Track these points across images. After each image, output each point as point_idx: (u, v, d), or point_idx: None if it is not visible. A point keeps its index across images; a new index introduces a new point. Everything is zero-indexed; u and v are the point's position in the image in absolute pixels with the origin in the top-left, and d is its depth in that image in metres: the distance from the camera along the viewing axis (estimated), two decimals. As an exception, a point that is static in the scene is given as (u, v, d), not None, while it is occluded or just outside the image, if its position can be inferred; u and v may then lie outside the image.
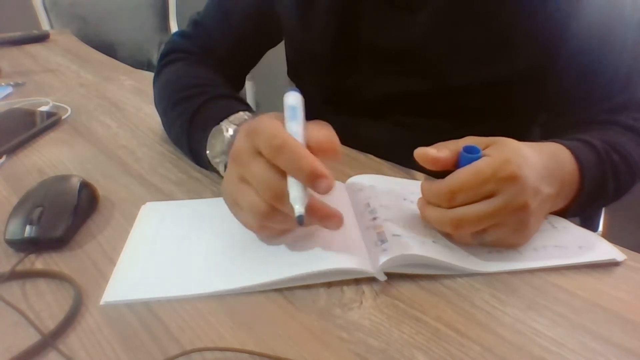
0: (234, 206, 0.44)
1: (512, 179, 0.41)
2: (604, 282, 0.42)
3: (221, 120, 0.54)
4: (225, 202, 0.45)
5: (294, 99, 0.44)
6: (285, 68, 0.77)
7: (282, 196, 0.39)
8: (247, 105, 0.59)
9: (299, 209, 0.38)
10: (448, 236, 0.45)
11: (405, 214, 0.47)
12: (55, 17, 1.90)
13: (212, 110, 0.57)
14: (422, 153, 0.43)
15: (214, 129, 0.54)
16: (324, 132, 0.42)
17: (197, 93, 0.62)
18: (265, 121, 0.41)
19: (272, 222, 0.42)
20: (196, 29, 0.75)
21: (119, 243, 0.47)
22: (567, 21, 0.56)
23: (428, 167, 0.43)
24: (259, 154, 0.40)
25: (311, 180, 0.38)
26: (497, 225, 0.42)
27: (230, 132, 0.52)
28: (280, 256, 0.44)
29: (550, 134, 0.53)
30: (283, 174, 0.39)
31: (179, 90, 0.64)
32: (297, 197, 0.38)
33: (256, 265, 0.43)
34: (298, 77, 0.78)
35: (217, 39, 0.73)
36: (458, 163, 0.43)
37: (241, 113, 0.54)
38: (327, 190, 0.39)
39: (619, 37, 0.57)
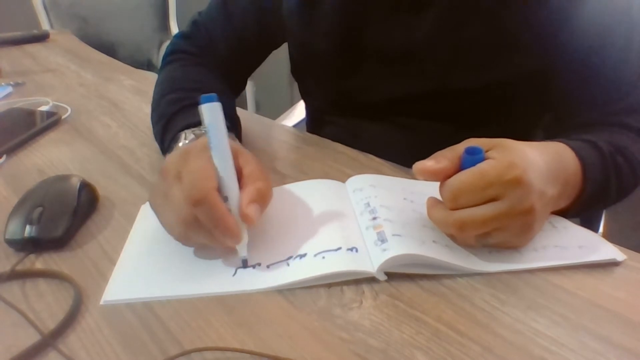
0: (158, 216, 0.45)
1: (517, 183, 0.40)
2: (604, 282, 0.42)
3: (186, 128, 0.55)
4: (151, 208, 0.46)
5: (210, 115, 0.43)
6: (285, 68, 0.77)
7: (192, 223, 0.41)
8: (225, 114, 0.59)
9: (243, 253, 0.43)
10: (451, 237, 0.45)
11: (405, 214, 0.47)
12: (55, 17, 1.90)
13: (181, 120, 0.58)
14: (421, 167, 0.43)
15: (177, 135, 0.56)
16: (258, 186, 0.43)
17: (177, 99, 0.62)
18: (194, 158, 0.43)
19: (192, 238, 0.43)
20: (196, 29, 0.75)
21: (119, 243, 0.47)
22: (571, 22, 0.56)
23: (430, 180, 0.43)
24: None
25: (222, 235, 0.41)
26: (502, 228, 0.42)
27: (187, 141, 0.53)
28: (281, 259, 0.44)
29: (553, 136, 0.53)
30: None
31: (165, 92, 0.65)
32: (243, 244, 0.43)
33: (257, 270, 0.43)
34: (301, 77, 0.78)
35: (218, 39, 0.73)
36: (461, 166, 0.43)
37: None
38: (234, 245, 0.42)
39: (625, 39, 0.57)
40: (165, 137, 0.59)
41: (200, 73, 0.70)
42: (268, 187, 0.45)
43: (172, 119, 0.59)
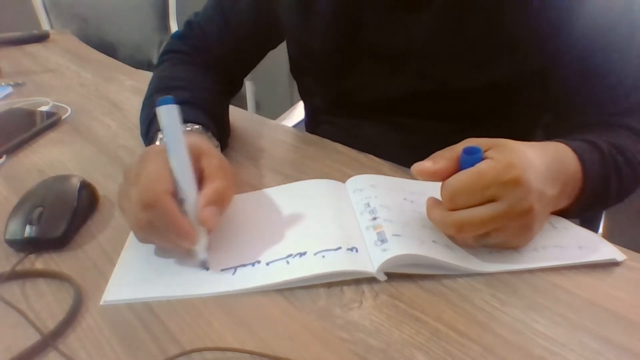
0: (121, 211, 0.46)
1: (516, 183, 0.40)
2: (604, 282, 0.42)
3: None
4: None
5: (165, 117, 0.43)
6: (285, 68, 0.77)
7: (147, 226, 0.42)
8: (204, 111, 0.59)
9: (202, 255, 0.43)
10: (450, 238, 0.45)
11: (405, 214, 0.47)
12: (55, 17, 1.90)
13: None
14: (419, 169, 0.43)
15: (155, 135, 0.56)
16: (217, 187, 0.44)
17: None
18: (150, 161, 0.43)
19: (151, 240, 0.44)
20: (190, 29, 0.76)
21: (119, 243, 0.47)
22: (572, 23, 0.56)
23: (429, 180, 0.43)
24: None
25: (176, 237, 0.41)
26: (501, 228, 0.42)
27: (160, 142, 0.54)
28: (280, 257, 0.44)
29: (553, 136, 0.53)
30: None
31: (151, 93, 0.65)
32: (201, 246, 0.43)
33: (257, 267, 0.43)
34: (300, 76, 0.78)
35: (212, 38, 0.73)
36: (460, 166, 0.43)
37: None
38: (190, 247, 0.42)
39: (625, 40, 0.56)
40: (147, 138, 0.59)
41: (188, 71, 0.70)
42: (227, 188, 0.45)
43: (154, 119, 0.59)
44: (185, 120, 0.54)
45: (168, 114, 0.43)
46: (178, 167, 0.43)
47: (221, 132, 0.63)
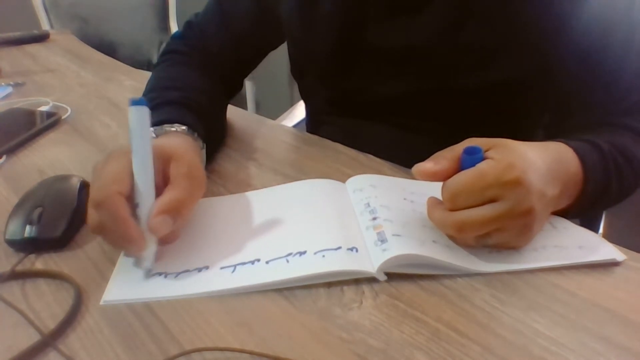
0: None
1: (517, 184, 0.40)
2: (604, 282, 0.42)
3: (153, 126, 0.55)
4: None
5: (134, 119, 0.42)
6: (285, 68, 0.77)
7: (97, 225, 0.41)
8: (193, 112, 0.58)
9: (147, 263, 0.42)
10: (451, 238, 0.45)
11: (405, 214, 0.47)
12: (55, 17, 1.90)
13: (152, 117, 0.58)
14: (420, 169, 0.43)
15: None
16: (175, 196, 0.43)
17: (150, 99, 0.61)
18: (112, 161, 0.43)
19: (105, 239, 0.44)
20: (189, 29, 0.76)
21: (119, 243, 0.47)
22: (571, 23, 0.56)
23: (430, 181, 0.43)
24: None
25: (123, 242, 0.41)
26: (501, 229, 0.42)
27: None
28: (280, 256, 0.44)
29: (554, 136, 0.53)
30: None
31: (145, 93, 0.65)
32: (148, 253, 0.42)
33: (257, 265, 0.43)
34: (301, 77, 0.78)
35: (211, 38, 0.73)
36: (461, 166, 0.43)
37: (166, 126, 0.53)
38: (136, 253, 0.42)
39: (626, 39, 0.56)
40: None
41: (184, 72, 0.70)
42: (187, 198, 0.44)
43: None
44: (172, 121, 0.54)
45: (137, 115, 0.42)
46: (139, 170, 0.42)
47: (212, 133, 0.62)
